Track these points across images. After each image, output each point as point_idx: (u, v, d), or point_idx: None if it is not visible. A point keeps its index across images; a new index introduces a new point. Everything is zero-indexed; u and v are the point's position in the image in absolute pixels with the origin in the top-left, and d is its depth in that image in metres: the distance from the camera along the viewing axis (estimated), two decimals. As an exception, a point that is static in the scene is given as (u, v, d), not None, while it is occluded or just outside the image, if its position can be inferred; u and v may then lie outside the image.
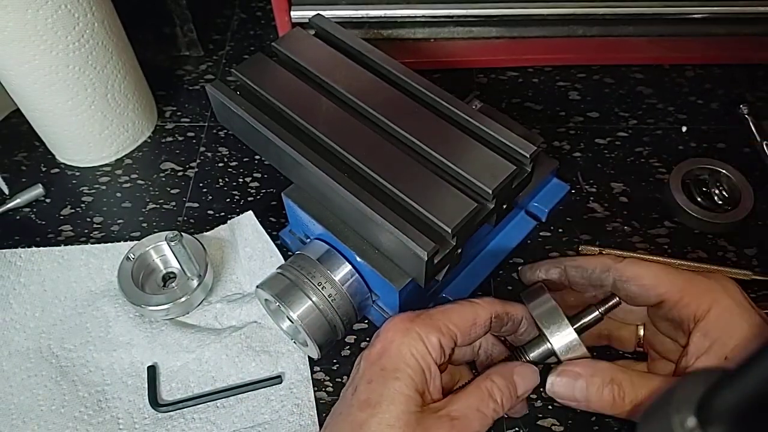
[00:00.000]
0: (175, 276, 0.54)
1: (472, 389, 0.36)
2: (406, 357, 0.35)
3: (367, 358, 0.37)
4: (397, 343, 0.36)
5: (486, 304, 0.38)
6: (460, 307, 0.38)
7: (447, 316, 0.37)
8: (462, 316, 0.37)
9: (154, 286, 0.53)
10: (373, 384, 0.35)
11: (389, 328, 0.37)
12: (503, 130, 0.45)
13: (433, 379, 0.36)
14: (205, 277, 0.51)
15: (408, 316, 0.37)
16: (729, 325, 0.35)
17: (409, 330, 0.36)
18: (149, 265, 0.54)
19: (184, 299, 0.50)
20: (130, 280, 0.51)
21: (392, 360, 0.35)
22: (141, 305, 0.50)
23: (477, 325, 0.38)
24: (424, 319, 0.36)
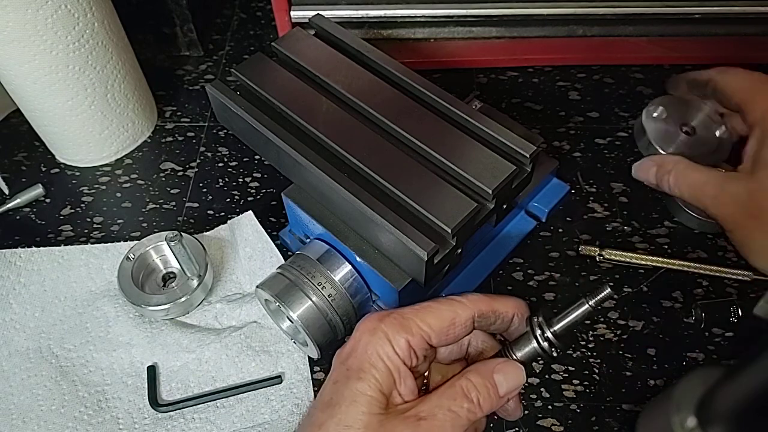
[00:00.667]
0: (175, 276, 0.54)
1: (444, 388, 0.34)
2: (372, 357, 0.34)
3: (337, 357, 0.36)
4: (363, 342, 0.35)
5: (469, 303, 0.36)
6: (438, 305, 0.36)
7: (420, 316, 0.35)
8: (438, 315, 0.36)
9: (154, 286, 0.53)
10: (337, 384, 0.34)
11: (359, 327, 0.36)
12: (503, 130, 0.45)
13: (403, 381, 0.34)
14: (205, 277, 0.51)
15: (378, 315, 0.36)
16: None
17: (375, 330, 0.35)
18: (149, 265, 0.54)
19: (184, 299, 0.50)
20: (130, 280, 0.51)
21: (357, 360, 0.34)
22: (141, 305, 0.50)
23: (456, 325, 0.36)
24: (395, 319, 0.35)
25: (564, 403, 0.48)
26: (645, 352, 0.50)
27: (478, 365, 0.36)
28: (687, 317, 0.52)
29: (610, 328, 0.51)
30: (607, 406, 0.48)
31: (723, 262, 0.54)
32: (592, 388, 0.48)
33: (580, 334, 0.51)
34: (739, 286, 0.53)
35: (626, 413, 0.47)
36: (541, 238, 0.56)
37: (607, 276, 0.54)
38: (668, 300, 0.53)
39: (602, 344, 0.50)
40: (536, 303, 0.52)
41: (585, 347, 0.50)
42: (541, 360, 0.37)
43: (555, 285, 0.54)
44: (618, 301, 0.53)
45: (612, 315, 0.52)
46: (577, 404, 0.48)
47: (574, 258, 0.55)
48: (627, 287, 0.53)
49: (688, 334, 0.51)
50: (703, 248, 0.55)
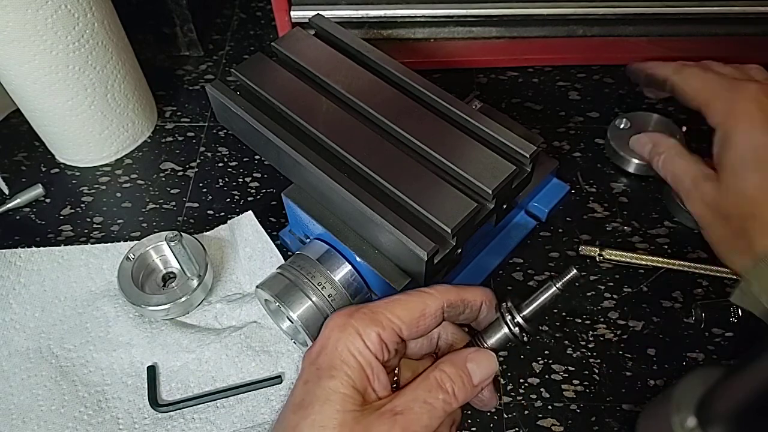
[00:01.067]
0: (175, 276, 0.54)
1: (419, 381, 0.34)
2: (343, 354, 0.33)
3: (307, 357, 0.35)
4: (333, 339, 0.34)
5: (438, 293, 0.36)
6: (406, 297, 0.35)
7: (390, 309, 0.35)
8: (408, 307, 0.35)
9: (154, 286, 0.53)
10: (308, 384, 0.33)
11: (327, 324, 0.35)
12: (503, 130, 0.45)
13: (377, 376, 0.33)
14: (205, 277, 0.51)
15: (347, 310, 0.35)
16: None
17: (345, 325, 0.34)
18: (149, 265, 0.54)
19: (184, 299, 0.50)
20: (130, 280, 0.51)
21: (328, 358, 0.33)
22: (141, 305, 0.50)
23: (426, 316, 0.35)
24: (364, 313, 0.34)
25: (564, 403, 0.48)
26: (645, 352, 0.50)
27: (450, 356, 0.36)
28: (687, 317, 0.52)
29: (610, 328, 0.51)
30: (607, 406, 0.48)
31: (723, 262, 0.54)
32: (592, 388, 0.48)
33: (580, 334, 0.51)
34: (739, 286, 0.53)
35: (626, 413, 0.47)
36: (541, 238, 0.56)
37: (607, 276, 0.54)
38: (668, 300, 0.53)
39: (602, 344, 0.50)
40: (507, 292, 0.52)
41: (585, 347, 0.50)
42: (512, 345, 0.37)
43: (555, 285, 0.54)
44: (618, 301, 0.53)
45: (612, 315, 0.52)
46: (577, 404, 0.48)
47: (574, 258, 0.55)
48: (627, 287, 0.53)
49: (688, 334, 0.51)
50: (703, 248, 0.55)
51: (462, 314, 0.37)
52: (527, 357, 0.50)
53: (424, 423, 0.32)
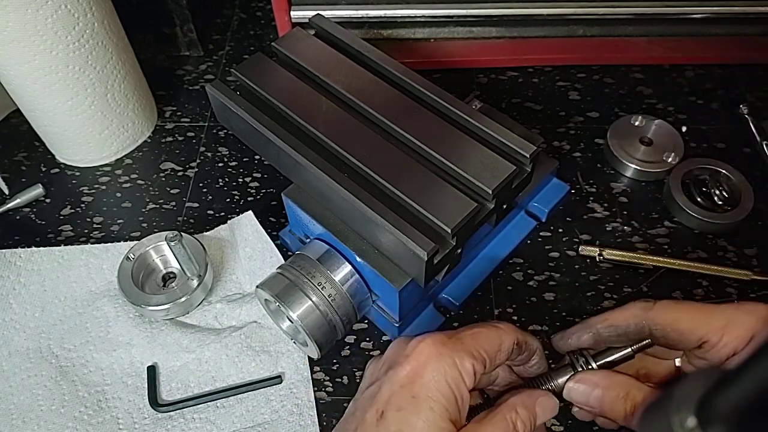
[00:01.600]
0: (175, 276, 0.54)
1: (498, 420, 0.35)
2: (441, 385, 0.33)
3: (392, 380, 0.34)
4: (431, 369, 0.33)
5: (509, 329, 0.37)
6: (486, 330, 0.36)
7: (476, 340, 0.35)
8: (489, 340, 0.36)
9: (154, 286, 0.53)
10: (403, 413, 0.33)
11: (421, 350, 0.34)
12: (503, 130, 0.45)
13: (464, 406, 0.34)
14: (205, 277, 0.51)
15: (439, 339, 0.35)
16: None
17: (443, 355, 0.34)
18: (149, 265, 0.54)
19: (184, 299, 0.50)
20: (130, 280, 0.51)
21: (426, 388, 0.33)
22: (141, 305, 0.50)
23: (502, 350, 0.36)
24: (456, 343, 0.34)
25: (564, 403, 0.48)
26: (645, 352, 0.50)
27: (521, 397, 0.36)
28: (687, 317, 0.52)
29: (610, 328, 0.51)
30: (607, 406, 0.48)
31: (723, 262, 0.54)
32: (592, 388, 0.48)
33: (580, 334, 0.51)
34: (739, 286, 0.53)
35: (626, 413, 0.47)
36: (541, 238, 0.56)
37: (607, 276, 0.54)
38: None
39: (602, 344, 0.50)
40: (507, 292, 0.52)
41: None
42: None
43: (555, 285, 0.54)
44: (618, 301, 0.53)
45: (612, 315, 0.52)
46: (577, 404, 0.48)
47: (574, 258, 0.55)
48: (627, 287, 0.53)
49: (688, 334, 0.51)
50: (703, 248, 0.55)
51: (520, 355, 0.38)
52: (527, 357, 0.50)
53: None
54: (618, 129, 0.61)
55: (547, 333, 0.51)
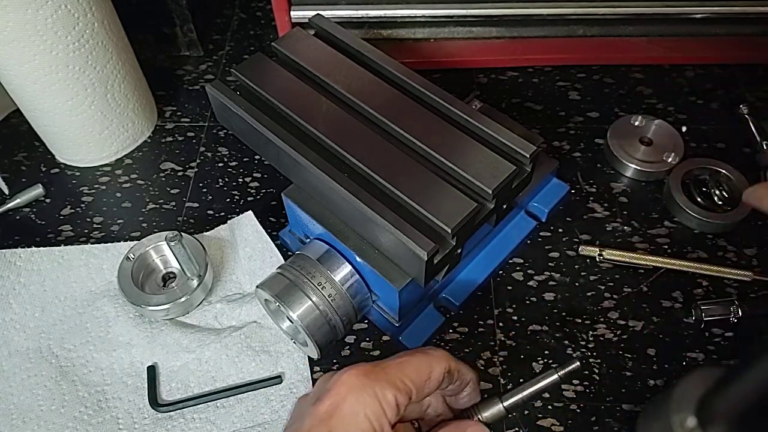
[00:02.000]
0: (175, 276, 0.54)
1: None
2: (359, 419, 0.32)
3: (313, 414, 0.33)
4: (350, 402, 0.32)
5: (441, 357, 0.36)
6: (416, 359, 0.35)
7: (402, 370, 0.34)
8: (417, 369, 0.35)
9: (154, 286, 0.53)
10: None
11: (342, 382, 0.33)
12: (503, 130, 0.45)
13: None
14: (205, 277, 0.51)
15: (362, 370, 0.34)
16: None
17: (364, 387, 0.33)
18: (149, 265, 0.54)
19: (184, 299, 0.50)
20: (130, 280, 0.51)
21: (343, 422, 0.32)
22: (141, 305, 0.50)
23: (432, 379, 0.35)
24: (379, 374, 0.33)
25: (564, 403, 0.48)
26: (645, 352, 0.50)
27: (451, 428, 0.36)
28: (687, 317, 0.52)
29: (610, 328, 0.51)
30: (607, 406, 0.48)
31: (723, 262, 0.54)
32: (592, 388, 0.48)
33: (580, 334, 0.51)
34: (739, 286, 0.53)
35: (626, 413, 0.47)
36: (541, 238, 0.56)
37: (607, 276, 0.54)
38: (668, 300, 0.53)
39: (602, 344, 0.50)
40: (507, 291, 0.53)
41: (585, 347, 0.50)
42: (499, 420, 0.39)
43: (555, 285, 0.54)
44: (618, 301, 0.53)
45: (612, 315, 0.52)
46: (577, 404, 0.48)
47: (574, 258, 0.55)
48: (627, 287, 0.53)
49: (688, 334, 0.51)
50: (703, 248, 0.55)
51: (452, 384, 0.37)
52: (527, 357, 0.50)
53: None
54: (618, 129, 0.61)
55: (547, 333, 0.51)
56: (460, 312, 0.52)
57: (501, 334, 0.51)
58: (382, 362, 0.35)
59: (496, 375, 0.49)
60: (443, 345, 0.51)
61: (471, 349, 0.51)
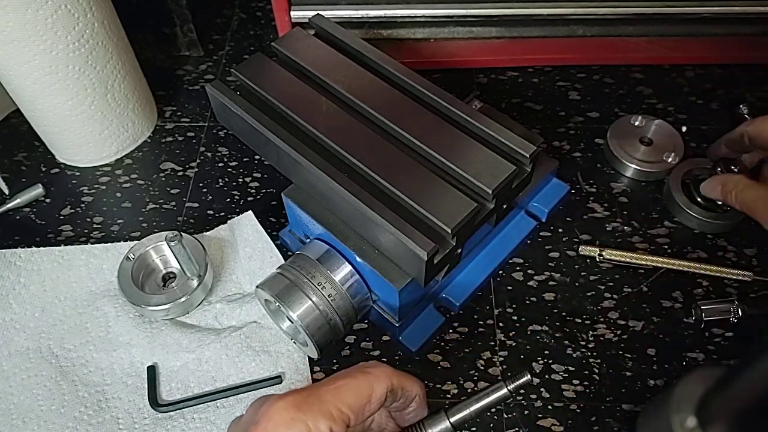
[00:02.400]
0: (175, 276, 0.54)
1: None
2: None
3: None
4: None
5: (382, 375, 0.34)
6: (354, 382, 0.33)
7: (338, 396, 0.32)
8: (356, 393, 0.33)
9: (154, 286, 0.53)
10: None
11: (270, 416, 0.31)
12: (503, 130, 0.45)
13: None
14: (205, 277, 0.51)
15: (292, 401, 0.31)
16: None
17: (294, 421, 0.30)
18: (149, 265, 0.54)
19: (184, 299, 0.51)
20: (130, 280, 0.51)
21: None
22: (141, 305, 0.50)
23: (372, 401, 0.33)
24: (312, 404, 0.31)
25: (564, 403, 0.48)
26: (645, 352, 0.50)
27: None
28: (687, 317, 0.52)
29: (610, 328, 0.51)
30: (607, 406, 0.48)
31: (723, 262, 0.54)
32: (592, 388, 0.48)
33: (580, 334, 0.51)
34: (739, 286, 0.53)
35: (626, 413, 0.47)
36: (541, 238, 0.56)
37: (607, 276, 0.54)
38: (668, 300, 0.53)
39: (602, 344, 0.50)
40: (507, 291, 0.53)
41: (585, 347, 0.50)
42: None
43: (555, 285, 0.54)
44: (618, 301, 0.53)
45: (612, 315, 0.52)
46: (577, 404, 0.48)
47: (574, 258, 0.55)
48: (627, 287, 0.53)
49: (688, 334, 0.51)
50: (703, 248, 0.55)
51: (396, 402, 0.36)
52: (527, 357, 0.50)
53: None
54: (618, 129, 0.61)
55: (547, 333, 0.51)
56: (460, 312, 0.52)
57: (501, 334, 0.51)
58: (316, 387, 0.33)
59: (497, 375, 0.49)
60: (443, 345, 0.51)
61: (471, 349, 0.51)
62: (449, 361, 0.50)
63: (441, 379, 0.49)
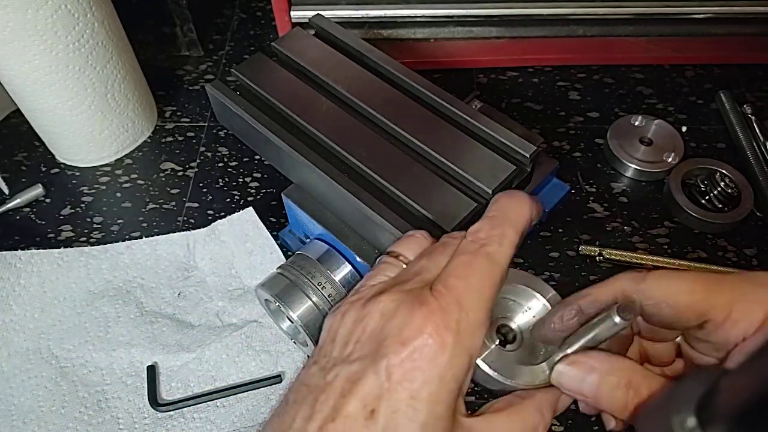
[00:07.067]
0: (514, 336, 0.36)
1: (522, 415, 0.31)
2: (449, 386, 0.28)
3: (383, 373, 0.28)
4: (435, 372, 0.28)
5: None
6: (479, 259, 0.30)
7: (477, 293, 0.30)
8: (489, 273, 0.30)
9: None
10: (400, 416, 0.27)
11: (423, 346, 0.28)
12: (503, 130, 0.45)
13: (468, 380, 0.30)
14: None
15: (444, 325, 0.28)
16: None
17: (453, 353, 0.28)
18: None
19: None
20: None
21: (429, 390, 0.28)
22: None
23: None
24: (465, 329, 0.29)
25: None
26: (645, 352, 0.50)
27: (547, 397, 0.32)
28: (687, 317, 0.52)
29: (610, 328, 0.51)
30: (607, 406, 0.48)
31: (723, 262, 0.54)
32: (592, 388, 0.48)
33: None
34: (739, 286, 0.53)
35: (626, 413, 0.47)
36: (541, 238, 0.56)
37: (607, 276, 0.54)
38: (668, 300, 0.53)
39: (602, 344, 0.50)
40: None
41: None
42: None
43: (555, 285, 0.53)
44: (618, 301, 0.53)
45: (612, 315, 0.52)
46: (577, 404, 0.48)
47: (574, 258, 0.55)
48: (627, 287, 0.53)
49: (688, 334, 0.51)
50: (703, 248, 0.55)
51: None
52: (527, 357, 0.50)
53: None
54: (618, 129, 0.61)
55: (547, 333, 0.51)
56: (460, 312, 0.52)
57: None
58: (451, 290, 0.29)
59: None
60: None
61: (471, 349, 0.51)
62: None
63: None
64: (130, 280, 0.54)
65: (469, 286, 0.30)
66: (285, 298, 0.45)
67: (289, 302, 0.45)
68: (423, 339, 0.28)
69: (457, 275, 0.30)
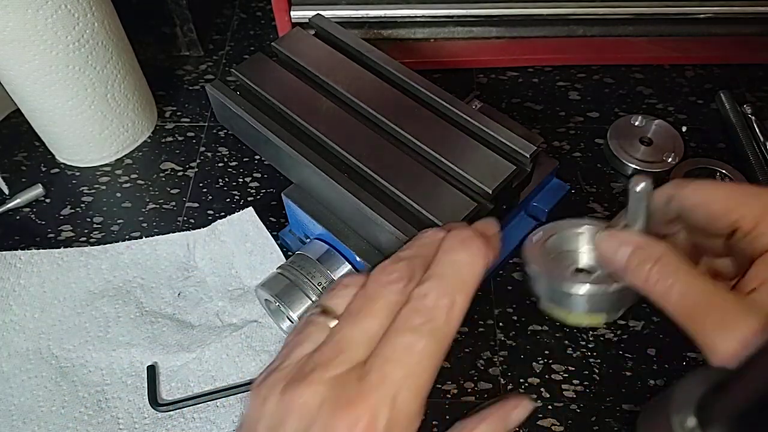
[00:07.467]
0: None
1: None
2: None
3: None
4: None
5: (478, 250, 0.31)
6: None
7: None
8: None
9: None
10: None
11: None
12: (503, 130, 0.45)
13: None
14: None
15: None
16: None
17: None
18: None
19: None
20: None
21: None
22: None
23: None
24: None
25: (564, 403, 0.48)
26: (645, 352, 0.50)
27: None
28: (687, 317, 0.52)
29: (610, 328, 0.51)
30: (607, 406, 0.48)
31: (723, 262, 0.54)
32: (592, 388, 0.48)
33: (580, 334, 0.51)
34: (739, 286, 0.53)
35: (626, 413, 0.47)
36: (541, 238, 0.56)
37: (607, 276, 0.54)
38: (668, 300, 0.52)
39: (602, 344, 0.50)
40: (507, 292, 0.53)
41: (585, 347, 0.50)
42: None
43: (555, 285, 0.54)
44: (618, 301, 0.53)
45: (612, 315, 0.52)
46: (577, 404, 0.48)
47: (574, 258, 0.55)
48: (627, 287, 0.53)
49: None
50: (703, 248, 0.55)
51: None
52: (527, 357, 0.50)
53: None
54: (618, 129, 0.61)
55: (547, 333, 0.51)
56: (460, 312, 0.52)
57: (501, 334, 0.51)
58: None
59: (497, 375, 0.49)
60: (443, 345, 0.51)
61: (471, 349, 0.51)
62: (449, 360, 0.50)
63: (441, 379, 0.49)
64: (130, 280, 0.54)
65: (407, 375, 0.26)
66: (285, 298, 0.45)
67: (289, 302, 0.45)
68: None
69: (395, 360, 0.27)
